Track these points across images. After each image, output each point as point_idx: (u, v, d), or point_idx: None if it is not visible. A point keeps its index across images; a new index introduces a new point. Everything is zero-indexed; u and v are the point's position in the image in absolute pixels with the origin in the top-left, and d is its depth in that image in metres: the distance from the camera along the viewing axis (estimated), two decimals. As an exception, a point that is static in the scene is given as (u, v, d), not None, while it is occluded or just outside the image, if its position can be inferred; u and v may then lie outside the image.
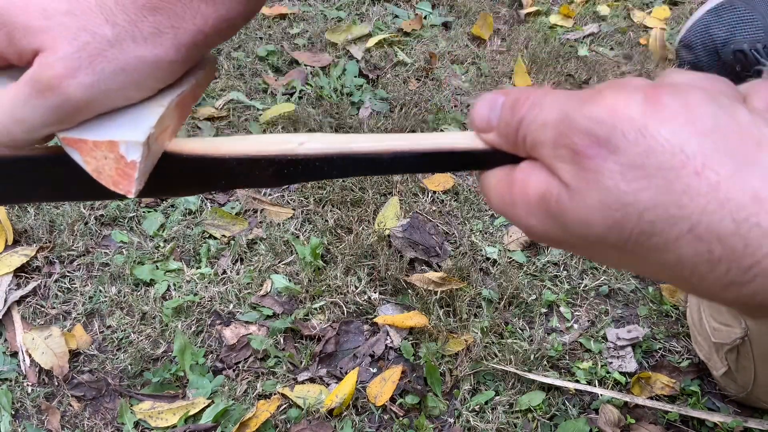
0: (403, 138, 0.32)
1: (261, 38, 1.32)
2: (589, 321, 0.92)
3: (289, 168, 0.33)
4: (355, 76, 1.24)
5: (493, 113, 0.30)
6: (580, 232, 0.26)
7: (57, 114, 0.31)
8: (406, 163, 0.32)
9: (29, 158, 0.34)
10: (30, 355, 0.84)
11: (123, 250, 0.95)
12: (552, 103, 0.27)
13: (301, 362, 0.85)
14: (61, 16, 0.30)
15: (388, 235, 0.98)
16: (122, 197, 0.32)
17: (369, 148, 0.32)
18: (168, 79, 0.34)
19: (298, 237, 0.98)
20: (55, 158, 0.33)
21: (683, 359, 0.88)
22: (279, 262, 0.95)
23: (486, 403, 0.82)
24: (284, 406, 0.81)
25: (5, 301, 0.89)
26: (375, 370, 0.85)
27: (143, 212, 1.00)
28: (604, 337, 0.90)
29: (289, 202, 1.03)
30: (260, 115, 1.15)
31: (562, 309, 0.93)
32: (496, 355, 0.86)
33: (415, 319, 0.88)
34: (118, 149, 0.31)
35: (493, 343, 0.87)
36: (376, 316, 0.89)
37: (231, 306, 0.90)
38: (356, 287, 0.92)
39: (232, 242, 0.96)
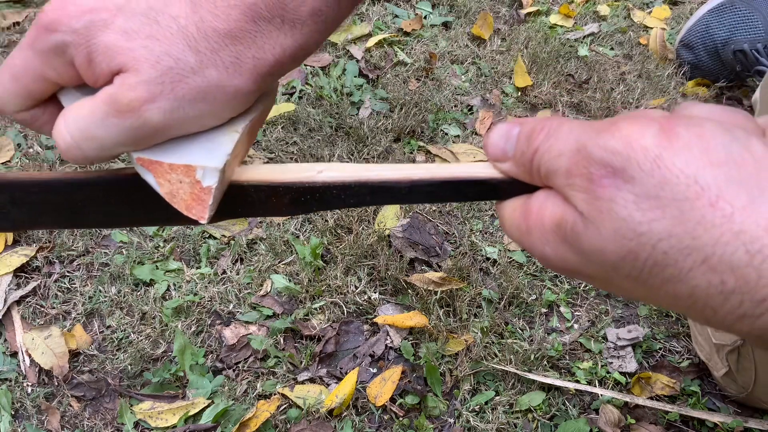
0: (421, 167, 0.32)
1: (261, 38, 1.31)
2: (589, 321, 0.92)
3: (306, 196, 0.33)
4: (355, 76, 1.24)
5: (509, 143, 0.30)
6: (595, 261, 0.26)
7: (132, 136, 0.30)
8: (424, 192, 0.32)
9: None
10: (30, 355, 0.84)
11: (123, 250, 0.95)
12: (568, 133, 0.27)
13: (301, 362, 0.85)
14: (144, 39, 0.30)
15: (388, 235, 0.97)
16: (193, 222, 0.32)
17: (387, 176, 0.32)
18: (242, 109, 0.34)
19: (298, 237, 0.98)
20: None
21: (683, 359, 0.88)
22: (279, 262, 0.95)
23: (486, 403, 0.82)
24: (284, 406, 0.81)
25: (5, 301, 0.89)
26: (375, 370, 0.85)
27: (143, 212, 1.00)
28: (605, 337, 0.90)
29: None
30: (260, 114, 1.15)
31: (562, 309, 0.93)
32: (496, 355, 0.86)
33: (415, 319, 0.88)
34: (194, 174, 0.31)
35: (493, 343, 0.87)
36: (376, 316, 0.89)
37: (231, 306, 0.90)
38: (356, 287, 0.92)
39: (232, 242, 0.96)
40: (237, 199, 0.34)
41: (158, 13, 0.30)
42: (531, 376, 0.83)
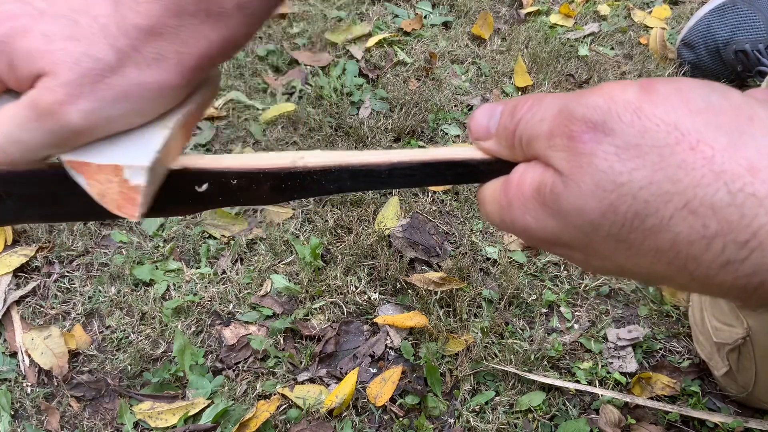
0: (401, 152, 0.33)
1: (261, 38, 1.31)
2: (589, 321, 0.92)
3: (287, 182, 0.33)
4: (355, 76, 1.23)
5: (492, 121, 0.31)
6: (575, 222, 0.26)
7: (55, 138, 0.30)
8: (404, 174, 0.32)
9: (27, 174, 0.33)
10: (29, 356, 0.84)
11: (122, 250, 0.95)
12: (551, 100, 0.28)
13: (301, 362, 0.85)
14: (63, 41, 0.30)
15: (388, 235, 0.97)
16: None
17: (367, 160, 0.32)
18: (171, 104, 0.33)
19: (298, 237, 0.97)
20: (55, 174, 0.33)
21: (684, 359, 0.88)
22: (279, 262, 0.94)
23: (486, 403, 0.82)
24: (284, 406, 0.81)
25: (5, 301, 0.89)
26: (375, 371, 0.85)
27: (143, 212, 1.00)
28: (605, 337, 0.89)
29: (289, 202, 1.03)
30: (260, 114, 1.15)
31: (562, 309, 0.93)
32: (497, 356, 0.86)
33: (415, 319, 0.88)
34: (122, 174, 0.30)
35: (493, 343, 0.87)
36: (376, 316, 0.89)
37: (231, 306, 0.90)
38: (356, 287, 0.92)
39: (232, 242, 0.96)
40: (218, 187, 0.34)
41: (79, 14, 0.30)
42: (531, 376, 0.83)
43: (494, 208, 0.30)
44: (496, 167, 0.31)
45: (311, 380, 0.84)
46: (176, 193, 0.34)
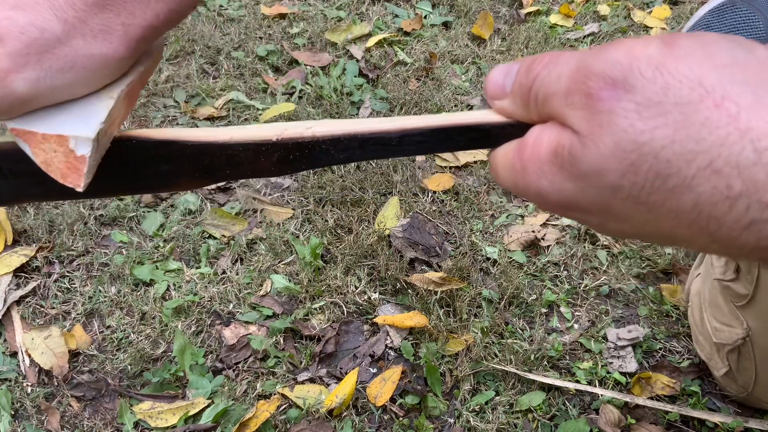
0: (411, 118, 0.32)
1: (261, 38, 1.31)
2: (589, 321, 0.92)
3: (295, 153, 0.33)
4: (355, 76, 1.23)
5: (508, 79, 0.29)
6: (594, 185, 0.25)
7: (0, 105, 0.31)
8: (415, 141, 0.32)
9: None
10: (30, 356, 0.84)
11: (122, 250, 0.95)
12: (569, 57, 0.27)
13: (301, 362, 0.85)
14: (9, 10, 0.30)
15: (388, 235, 0.97)
16: (74, 193, 0.32)
17: (377, 128, 0.32)
18: (116, 75, 0.34)
19: (298, 237, 0.97)
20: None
21: (684, 359, 0.88)
22: (279, 262, 0.95)
23: (486, 403, 0.82)
24: (284, 406, 0.81)
25: (5, 301, 0.89)
26: (375, 370, 0.85)
27: (143, 212, 1.00)
28: (605, 337, 0.89)
29: (289, 202, 1.03)
30: (260, 114, 1.15)
31: (562, 309, 0.93)
32: (497, 355, 0.86)
33: (415, 319, 0.88)
34: (67, 144, 0.31)
35: (493, 343, 0.87)
36: (376, 316, 0.89)
37: (231, 306, 0.90)
38: (356, 287, 0.92)
39: (232, 242, 0.96)
40: (226, 160, 0.33)
41: None
42: (531, 376, 0.83)
43: (507, 173, 0.29)
44: (509, 131, 0.30)
45: (311, 380, 0.84)
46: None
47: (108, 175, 0.34)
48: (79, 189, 0.31)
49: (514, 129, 0.29)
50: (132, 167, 0.34)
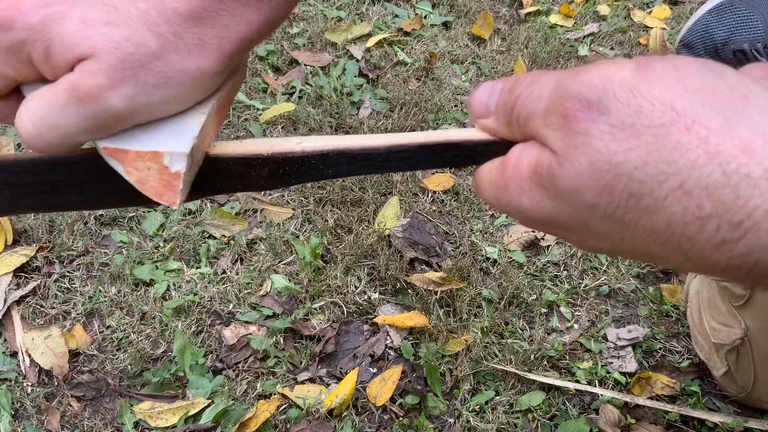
0: (398, 135, 0.32)
1: (261, 38, 1.31)
2: (589, 321, 0.92)
3: (285, 167, 0.33)
4: (355, 76, 1.23)
5: (492, 98, 0.30)
6: (572, 203, 0.26)
7: (95, 123, 0.30)
8: (401, 157, 0.32)
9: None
10: (30, 355, 0.84)
11: (123, 250, 0.95)
12: (549, 78, 0.27)
13: (301, 362, 0.85)
14: (102, 26, 0.29)
15: (388, 235, 0.97)
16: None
17: (364, 144, 0.32)
18: (209, 91, 0.33)
19: (298, 237, 0.98)
20: (57, 163, 0.33)
21: (683, 359, 0.88)
22: (279, 262, 0.95)
23: (486, 403, 0.82)
24: (284, 406, 0.81)
25: (5, 301, 0.89)
26: (375, 370, 0.85)
27: (143, 212, 1.00)
28: (605, 337, 0.89)
29: (289, 202, 1.03)
30: (260, 114, 1.15)
31: (562, 309, 0.93)
32: (496, 355, 0.86)
33: (415, 319, 0.88)
34: (162, 160, 0.30)
35: (493, 343, 0.87)
36: (376, 316, 0.89)
37: (231, 306, 0.90)
38: (356, 287, 0.92)
39: (232, 242, 0.96)
40: (216, 174, 0.34)
41: (116, 0, 0.30)
42: (531, 376, 0.83)
43: (490, 190, 0.30)
44: (493, 149, 0.31)
45: (311, 380, 0.84)
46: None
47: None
48: (175, 207, 0.31)
49: (498, 147, 0.30)
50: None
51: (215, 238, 0.97)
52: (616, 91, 0.24)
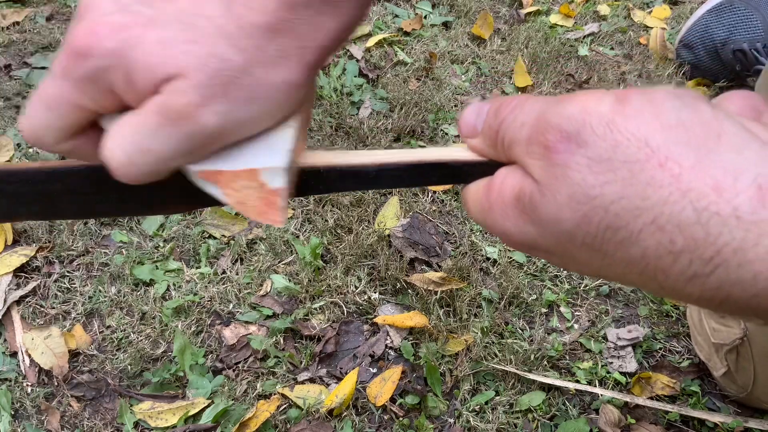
0: (389, 152, 0.33)
1: (261, 38, 1.31)
2: (589, 321, 0.92)
3: None
4: (355, 76, 1.23)
5: (479, 119, 0.31)
6: (552, 231, 0.26)
7: (189, 144, 0.28)
8: (391, 175, 0.33)
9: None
10: (30, 355, 0.84)
11: (123, 249, 0.95)
12: (532, 105, 0.28)
13: (301, 362, 0.85)
14: (184, 44, 0.28)
15: (388, 235, 0.97)
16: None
17: (354, 161, 0.33)
18: (295, 106, 0.31)
19: (298, 237, 0.98)
20: (50, 174, 0.32)
21: (683, 359, 0.88)
22: (279, 262, 0.95)
23: (486, 403, 0.82)
24: (284, 406, 0.81)
25: (5, 301, 0.89)
26: (375, 370, 0.85)
27: (143, 212, 1.00)
28: (605, 337, 0.90)
29: (289, 202, 1.03)
30: (260, 114, 1.15)
31: (562, 309, 0.93)
32: (496, 355, 0.86)
33: (415, 319, 0.88)
34: (259, 177, 0.29)
35: (493, 343, 0.87)
36: (376, 316, 0.89)
37: (231, 306, 0.90)
38: (356, 287, 0.92)
39: (232, 242, 0.96)
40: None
41: (192, 17, 0.28)
42: (531, 376, 0.83)
43: (476, 210, 0.31)
44: (481, 169, 0.31)
45: (311, 380, 0.84)
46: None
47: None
48: (279, 225, 0.30)
49: (485, 167, 0.31)
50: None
51: (215, 238, 0.97)
52: (593, 125, 0.25)
